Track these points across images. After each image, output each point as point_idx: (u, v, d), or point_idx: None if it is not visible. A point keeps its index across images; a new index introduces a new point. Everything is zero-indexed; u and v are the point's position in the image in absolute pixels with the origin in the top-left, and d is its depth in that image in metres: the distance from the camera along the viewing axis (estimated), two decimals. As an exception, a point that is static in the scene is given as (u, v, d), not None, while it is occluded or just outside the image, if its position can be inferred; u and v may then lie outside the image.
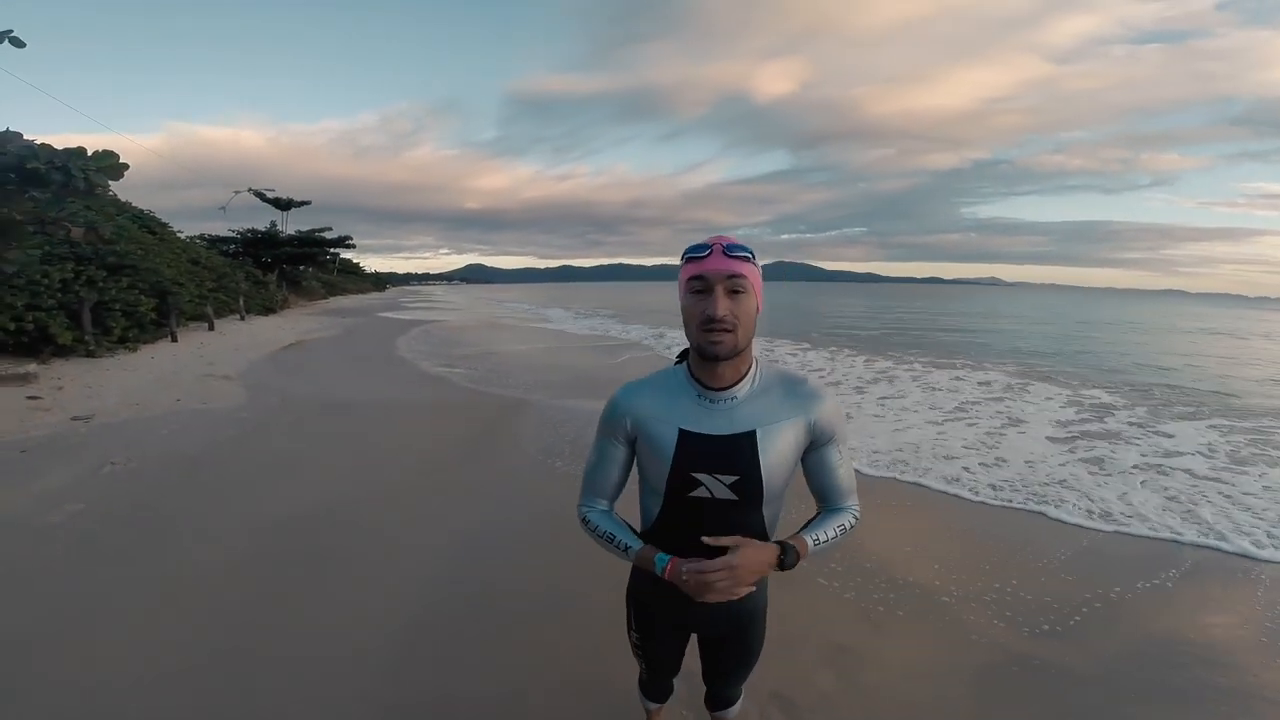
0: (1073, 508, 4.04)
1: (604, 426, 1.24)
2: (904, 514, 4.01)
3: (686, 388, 1.16)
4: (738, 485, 1.13)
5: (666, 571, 1.13)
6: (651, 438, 1.16)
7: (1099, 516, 3.90)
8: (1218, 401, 8.48)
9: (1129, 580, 3.06)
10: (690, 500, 1.15)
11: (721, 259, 1.05)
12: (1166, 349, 16.63)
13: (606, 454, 1.25)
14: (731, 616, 1.31)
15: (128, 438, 5.25)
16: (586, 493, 1.29)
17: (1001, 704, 2.16)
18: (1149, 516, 3.90)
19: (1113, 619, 2.71)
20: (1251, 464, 5.19)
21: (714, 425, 1.13)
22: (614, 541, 1.22)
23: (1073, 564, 3.25)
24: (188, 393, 7.28)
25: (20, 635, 2.42)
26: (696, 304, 1.06)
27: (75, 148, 6.26)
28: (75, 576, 2.90)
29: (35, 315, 8.53)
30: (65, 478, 4.19)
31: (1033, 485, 4.49)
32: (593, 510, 1.28)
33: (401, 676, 2.22)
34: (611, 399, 1.23)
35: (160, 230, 19.28)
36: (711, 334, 1.04)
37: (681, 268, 1.10)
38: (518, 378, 8.97)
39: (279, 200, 38.02)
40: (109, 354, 9.60)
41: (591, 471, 1.28)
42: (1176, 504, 4.15)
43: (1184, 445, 5.80)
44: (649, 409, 1.17)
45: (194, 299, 14.52)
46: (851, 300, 57.09)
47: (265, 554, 3.16)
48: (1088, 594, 2.90)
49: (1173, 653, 2.47)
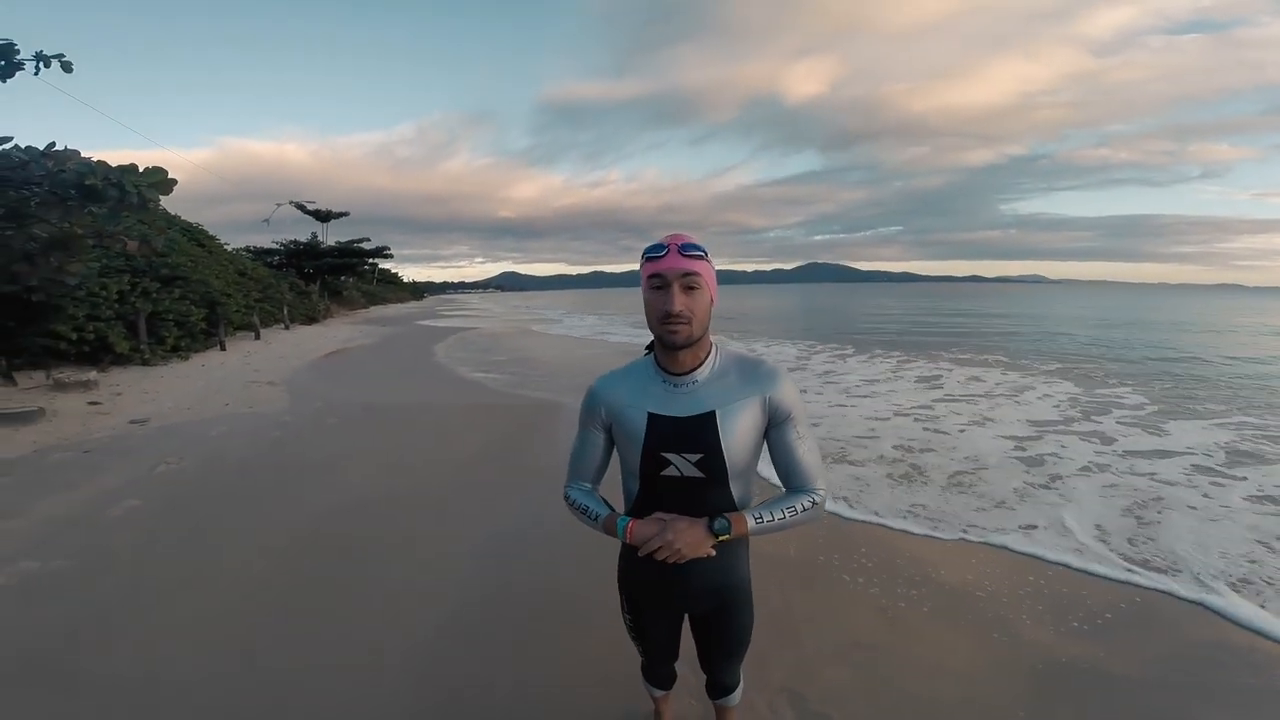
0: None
1: (583, 415, 1.37)
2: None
3: (654, 375, 1.27)
4: (703, 463, 1.22)
5: (629, 533, 1.23)
6: (624, 422, 1.28)
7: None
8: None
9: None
10: (663, 479, 1.25)
11: (677, 258, 1.15)
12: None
13: (586, 440, 1.38)
14: (712, 591, 1.35)
15: (181, 440, 5.51)
16: (571, 475, 1.41)
17: (1030, 703, 2.08)
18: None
19: (1147, 617, 2.61)
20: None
21: (678, 408, 1.23)
22: (587, 512, 1.33)
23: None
24: (236, 398, 7.60)
25: (81, 625, 2.56)
26: (656, 299, 1.17)
27: (128, 164, 6.59)
28: (132, 570, 3.06)
29: (95, 325, 9.03)
30: (124, 476, 4.43)
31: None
32: (574, 489, 1.39)
33: (434, 678, 2.25)
34: (589, 389, 1.36)
35: (209, 243, 20.15)
36: (669, 325, 1.15)
37: (642, 266, 1.20)
38: (553, 381, 9.13)
39: (319, 212, 39.34)
40: (163, 362, 10.09)
41: (575, 457, 1.40)
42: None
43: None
44: (621, 396, 1.29)
45: (241, 309, 15.12)
46: (882, 302, 55.56)
47: (304, 551, 3.27)
48: (1118, 592, 2.80)
49: (1215, 651, 2.36)
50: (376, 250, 40.86)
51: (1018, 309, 35.35)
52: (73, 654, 2.34)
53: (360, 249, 39.39)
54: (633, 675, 2.08)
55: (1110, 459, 5.05)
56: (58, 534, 3.43)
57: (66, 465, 4.71)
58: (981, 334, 18.95)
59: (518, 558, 3.22)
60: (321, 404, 7.31)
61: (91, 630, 2.50)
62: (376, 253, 41.21)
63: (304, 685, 2.17)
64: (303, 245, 35.44)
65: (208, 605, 2.71)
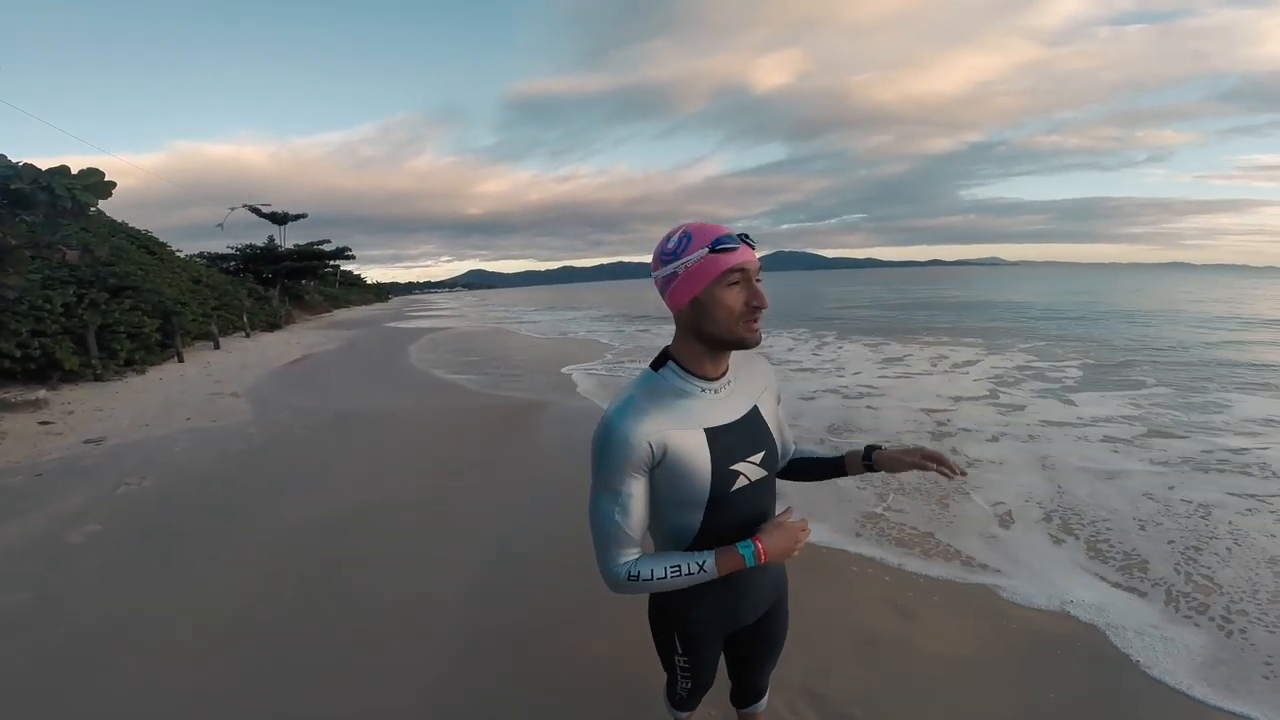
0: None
1: (615, 464, 1.06)
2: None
3: (687, 388, 1.11)
4: (766, 459, 1.20)
5: (761, 553, 1.08)
6: (681, 452, 1.07)
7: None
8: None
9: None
10: (732, 496, 1.14)
11: (749, 250, 1.06)
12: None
13: (627, 494, 1.08)
14: (773, 588, 1.34)
15: (141, 458, 5.30)
16: (612, 549, 1.09)
17: (1050, 689, 2.13)
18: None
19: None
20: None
21: (727, 413, 1.14)
22: (681, 571, 1.07)
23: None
24: (197, 411, 7.34)
25: (47, 655, 2.46)
26: (736, 295, 1.05)
27: (59, 166, 6.19)
28: (101, 593, 2.94)
29: (40, 341, 8.60)
30: (82, 499, 4.24)
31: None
32: (634, 563, 1.09)
33: (415, 690, 2.23)
34: (611, 435, 1.05)
35: (159, 250, 19.37)
36: (755, 322, 1.06)
37: (704, 258, 1.03)
38: (528, 380, 9.08)
39: (275, 215, 38.11)
40: (116, 377, 9.67)
41: (612, 523, 1.08)
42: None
43: None
44: (665, 424, 1.07)
45: (198, 318, 14.59)
46: (841, 289, 56.72)
47: (280, 572, 3.16)
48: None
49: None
50: (337, 251, 39.80)
51: (983, 294, 36.28)
52: (40, 689, 2.24)
53: (321, 251, 38.31)
54: (633, 693, 2.08)
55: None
56: (13, 564, 3.27)
57: (17, 490, 4.49)
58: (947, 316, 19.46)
59: (507, 568, 3.18)
60: (289, 414, 7.11)
61: (59, 664, 2.40)
62: (337, 254, 40.14)
63: (287, 715, 2.12)
64: (260, 249, 34.32)
65: (181, 633, 2.62)
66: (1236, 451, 4.71)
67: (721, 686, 1.55)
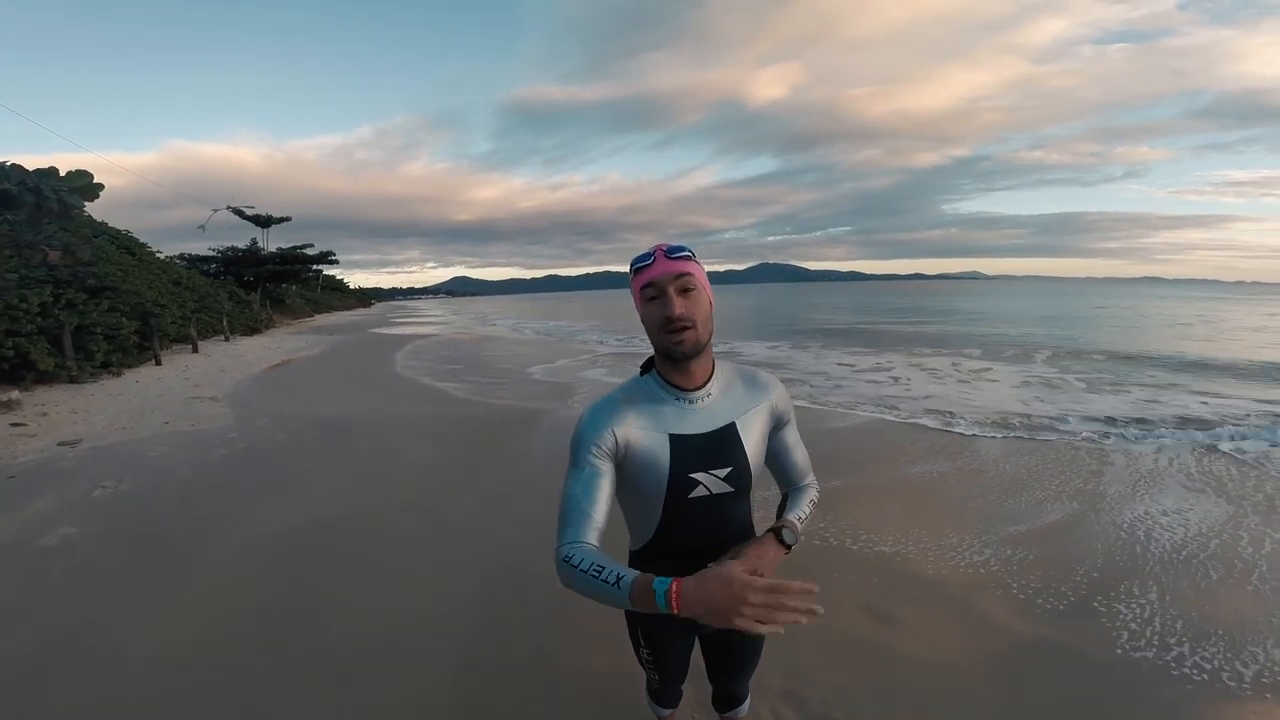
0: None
1: (585, 449, 1.13)
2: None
3: (662, 395, 1.18)
4: (732, 476, 1.19)
5: (672, 595, 0.89)
6: (642, 449, 1.15)
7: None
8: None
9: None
10: (689, 502, 1.18)
11: (666, 262, 1.11)
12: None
13: (588, 479, 1.11)
14: None
15: (117, 461, 5.21)
16: (569, 530, 1.08)
17: (1023, 688, 2.18)
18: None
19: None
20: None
21: (698, 424, 1.18)
22: (601, 575, 0.97)
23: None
24: (175, 415, 7.22)
25: (23, 659, 2.42)
26: (654, 310, 1.11)
27: (47, 168, 6.14)
28: (73, 599, 2.90)
29: (15, 341, 8.42)
30: (56, 502, 4.17)
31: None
32: (574, 549, 1.04)
33: (399, 706, 2.22)
34: (585, 423, 1.16)
35: (138, 251, 19.08)
36: (673, 334, 1.09)
37: (632, 280, 1.15)
38: (512, 388, 9.03)
39: (259, 217, 37.72)
40: (92, 379, 9.49)
41: (570, 506, 1.10)
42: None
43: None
44: (632, 421, 1.15)
45: (177, 320, 14.38)
46: (833, 300, 57.35)
47: (258, 580, 3.12)
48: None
49: (1199, 628, 2.55)
50: (321, 256, 39.46)
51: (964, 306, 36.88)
52: (13, 694, 2.21)
53: (304, 255, 37.96)
54: (624, 684, 2.10)
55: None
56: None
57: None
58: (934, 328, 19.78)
59: (497, 577, 3.17)
60: (270, 419, 7.02)
61: (31, 668, 2.36)
62: (321, 258, 39.80)
63: (266, 709, 2.11)
64: (241, 252, 33.92)
65: (157, 639, 2.58)
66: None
67: (705, 690, 1.59)
